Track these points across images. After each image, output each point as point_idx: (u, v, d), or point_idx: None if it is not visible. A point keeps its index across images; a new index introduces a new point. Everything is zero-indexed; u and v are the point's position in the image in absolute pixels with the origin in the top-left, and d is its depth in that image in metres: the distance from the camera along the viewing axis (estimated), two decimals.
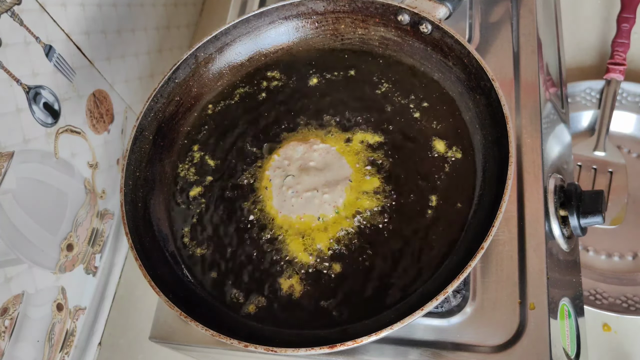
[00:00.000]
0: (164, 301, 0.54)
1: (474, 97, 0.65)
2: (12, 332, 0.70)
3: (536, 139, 0.67)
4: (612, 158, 0.90)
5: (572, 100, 0.96)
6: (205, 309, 0.60)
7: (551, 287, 0.59)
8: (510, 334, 0.57)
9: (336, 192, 0.63)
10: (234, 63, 0.76)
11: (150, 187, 0.68)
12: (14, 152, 0.70)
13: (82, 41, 0.83)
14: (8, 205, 0.69)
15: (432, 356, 0.58)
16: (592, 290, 0.81)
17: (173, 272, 0.63)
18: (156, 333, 0.65)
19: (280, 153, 0.67)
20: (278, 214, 0.63)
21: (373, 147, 0.66)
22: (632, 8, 0.97)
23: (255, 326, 0.58)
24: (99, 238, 0.90)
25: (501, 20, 0.77)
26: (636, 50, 1.01)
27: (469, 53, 0.63)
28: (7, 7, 0.67)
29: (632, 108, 0.94)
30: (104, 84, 0.90)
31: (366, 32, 0.73)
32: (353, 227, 0.61)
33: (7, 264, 0.69)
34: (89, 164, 0.87)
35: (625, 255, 0.85)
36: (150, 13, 1.03)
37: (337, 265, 0.59)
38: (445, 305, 0.60)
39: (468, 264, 0.50)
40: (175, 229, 0.66)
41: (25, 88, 0.71)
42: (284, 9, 0.74)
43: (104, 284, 0.93)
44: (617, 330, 0.81)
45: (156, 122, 0.70)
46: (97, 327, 0.92)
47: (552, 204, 0.65)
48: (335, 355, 0.60)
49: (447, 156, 0.63)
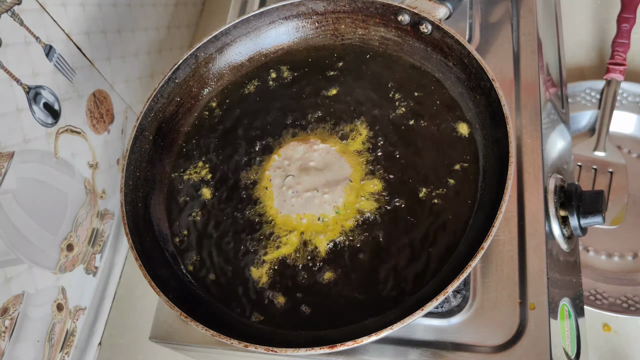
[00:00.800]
0: (164, 301, 0.54)
1: (474, 97, 0.65)
2: (12, 332, 0.70)
3: (536, 139, 0.67)
4: (612, 158, 0.90)
5: (572, 100, 0.96)
6: (205, 309, 0.60)
7: (551, 287, 0.59)
8: (511, 334, 0.57)
9: (336, 192, 0.63)
10: (234, 63, 0.76)
11: (151, 187, 0.68)
12: (14, 152, 0.70)
13: (82, 41, 0.83)
14: (8, 205, 0.69)
15: (432, 356, 0.58)
16: (592, 290, 0.81)
17: (173, 272, 0.63)
18: (156, 333, 0.66)
19: (280, 153, 0.67)
20: (278, 213, 0.63)
21: (373, 147, 0.66)
22: (632, 8, 0.97)
23: (255, 326, 0.58)
24: (99, 238, 0.90)
25: (501, 20, 0.77)
26: (636, 51, 1.01)
27: (469, 53, 0.63)
28: (7, 7, 0.67)
29: (632, 108, 0.94)
30: (104, 84, 0.90)
31: (366, 32, 0.73)
32: (353, 227, 0.61)
33: (7, 264, 0.69)
34: (89, 164, 0.87)
35: (625, 255, 0.85)
36: (151, 13, 1.03)
37: (337, 265, 0.59)
38: (445, 305, 0.60)
39: (468, 264, 0.50)
40: (175, 229, 0.66)
41: (25, 88, 0.71)
42: (284, 9, 0.74)
43: (104, 284, 0.93)
44: (617, 330, 0.81)
45: (156, 122, 0.70)
46: (97, 327, 0.92)
47: (552, 204, 0.65)
48: (335, 355, 0.60)
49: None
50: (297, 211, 0.63)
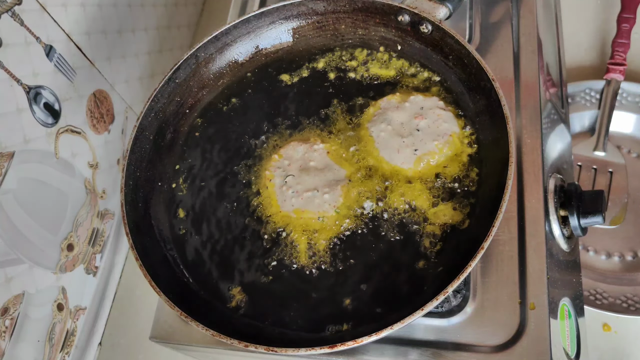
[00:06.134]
0: (165, 301, 0.54)
1: (474, 97, 0.65)
2: (12, 332, 0.70)
3: (536, 139, 0.67)
4: (612, 158, 0.90)
5: (572, 100, 0.96)
6: (206, 309, 0.60)
7: (551, 287, 0.59)
8: (511, 334, 0.57)
9: (336, 192, 0.63)
10: (234, 63, 0.76)
11: (151, 187, 0.68)
12: (14, 152, 0.70)
13: (83, 41, 0.83)
14: (8, 205, 0.69)
15: (432, 356, 0.58)
16: (592, 290, 0.81)
17: (173, 272, 0.63)
18: (156, 333, 0.66)
19: (281, 153, 0.67)
20: (278, 213, 0.63)
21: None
22: (632, 8, 0.97)
23: (255, 326, 0.58)
24: (100, 238, 0.90)
25: (501, 20, 0.77)
26: (636, 51, 1.01)
27: (469, 53, 0.63)
28: (7, 7, 0.67)
29: (632, 108, 0.94)
30: (105, 84, 0.90)
31: (366, 32, 0.74)
32: (353, 226, 0.61)
33: (7, 264, 0.69)
34: (90, 164, 0.87)
35: (625, 255, 0.85)
36: (151, 13, 1.03)
37: (337, 265, 0.59)
38: (445, 305, 0.60)
39: (468, 264, 0.50)
40: (175, 229, 0.66)
41: (25, 88, 0.71)
42: (284, 9, 0.74)
43: (105, 284, 0.93)
44: (617, 330, 0.81)
45: (157, 122, 0.70)
46: (97, 327, 0.92)
47: (552, 204, 0.65)
48: (335, 355, 0.60)
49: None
50: (297, 210, 0.63)
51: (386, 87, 0.70)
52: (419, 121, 0.65)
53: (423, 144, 0.64)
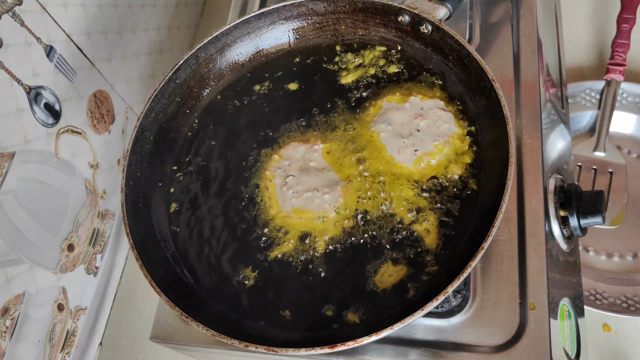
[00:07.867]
0: (165, 301, 0.54)
1: (474, 97, 0.65)
2: (13, 332, 0.70)
3: (536, 139, 0.67)
4: (612, 158, 0.90)
5: (572, 100, 0.96)
6: (206, 309, 0.60)
7: (551, 287, 0.59)
8: (511, 334, 0.57)
9: (336, 192, 0.63)
10: (234, 63, 0.76)
11: (151, 188, 0.68)
12: (15, 152, 0.70)
13: (83, 42, 0.83)
14: (9, 205, 0.69)
15: (432, 356, 0.58)
16: (592, 290, 0.81)
17: (174, 272, 0.63)
18: (157, 333, 0.66)
19: (281, 153, 0.67)
20: (278, 213, 0.64)
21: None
22: (632, 8, 0.97)
23: (255, 326, 0.58)
24: (100, 238, 0.90)
25: (501, 20, 0.77)
26: (636, 51, 1.01)
27: (469, 54, 0.63)
28: (8, 7, 0.68)
29: (632, 108, 0.94)
30: (105, 84, 0.90)
31: (366, 32, 0.74)
32: (353, 226, 0.61)
33: (8, 264, 0.69)
34: (90, 164, 0.87)
35: (625, 255, 0.85)
36: (151, 14, 1.03)
37: (337, 265, 0.59)
38: (445, 305, 0.60)
39: (468, 264, 0.50)
40: (176, 229, 0.66)
41: (26, 88, 0.71)
42: (284, 10, 0.74)
43: (105, 284, 0.93)
44: (617, 330, 0.81)
45: (157, 123, 0.70)
46: (98, 327, 0.92)
47: (552, 204, 0.65)
48: (335, 355, 0.60)
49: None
50: (297, 210, 0.63)
51: (386, 87, 0.70)
52: (419, 121, 0.65)
53: (423, 145, 0.64)
